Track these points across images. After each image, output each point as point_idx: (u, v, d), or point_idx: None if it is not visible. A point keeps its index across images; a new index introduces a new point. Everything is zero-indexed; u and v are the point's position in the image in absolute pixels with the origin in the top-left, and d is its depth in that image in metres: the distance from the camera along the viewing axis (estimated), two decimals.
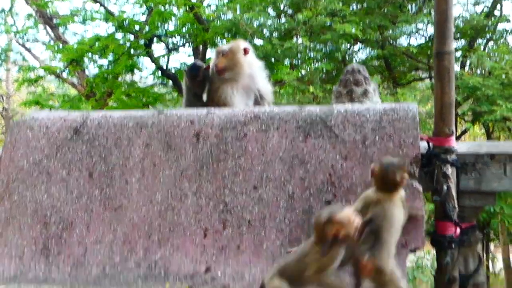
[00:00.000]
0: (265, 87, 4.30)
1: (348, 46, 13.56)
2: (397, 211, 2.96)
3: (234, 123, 3.58)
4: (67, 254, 3.58)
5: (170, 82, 15.67)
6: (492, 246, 22.63)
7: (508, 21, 13.59)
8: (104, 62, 15.23)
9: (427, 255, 13.50)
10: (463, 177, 3.75)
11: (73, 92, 17.28)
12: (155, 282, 3.37)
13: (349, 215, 2.74)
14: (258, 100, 4.23)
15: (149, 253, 3.50)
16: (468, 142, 5.42)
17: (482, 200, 3.85)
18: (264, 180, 3.46)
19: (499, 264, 21.42)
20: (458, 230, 3.66)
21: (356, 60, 14.00)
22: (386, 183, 2.96)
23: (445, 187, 3.61)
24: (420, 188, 3.31)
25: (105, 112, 3.91)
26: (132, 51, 14.67)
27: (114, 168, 3.67)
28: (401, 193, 3.04)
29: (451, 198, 3.62)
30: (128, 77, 16.44)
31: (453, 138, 3.68)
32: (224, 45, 4.41)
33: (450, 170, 3.62)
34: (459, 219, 3.68)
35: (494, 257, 22.44)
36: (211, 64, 4.22)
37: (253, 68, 4.26)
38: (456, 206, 3.64)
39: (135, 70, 15.42)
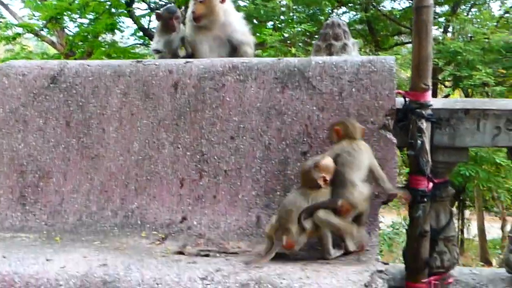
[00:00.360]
0: (243, 37, 4.26)
1: (332, 9, 13.50)
2: (360, 153, 3.06)
3: (212, 73, 3.57)
4: (44, 203, 3.59)
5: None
6: (467, 213, 23.11)
7: None
8: (84, 21, 14.99)
9: (403, 221, 13.76)
10: (437, 132, 3.79)
11: (52, 51, 17.03)
12: (131, 231, 3.40)
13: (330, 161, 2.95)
14: (236, 50, 4.20)
15: (126, 202, 3.52)
16: (444, 99, 5.48)
17: (455, 156, 3.91)
18: (241, 130, 3.48)
19: (474, 230, 21.92)
20: (431, 184, 3.73)
21: None
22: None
23: (419, 142, 3.65)
24: (394, 140, 3.36)
25: (82, 61, 3.87)
26: (113, 10, 14.42)
27: (92, 117, 3.66)
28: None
29: (425, 153, 3.67)
30: (108, 37, 16.23)
31: (429, 93, 3.71)
32: None
33: (425, 125, 3.65)
34: (432, 174, 3.75)
35: (469, 224, 22.93)
36: (188, 11, 4.17)
37: (231, 17, 4.22)
38: (430, 160, 3.70)
39: (116, 30, 15.20)
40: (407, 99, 3.71)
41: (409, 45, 15.09)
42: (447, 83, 15.15)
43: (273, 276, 2.54)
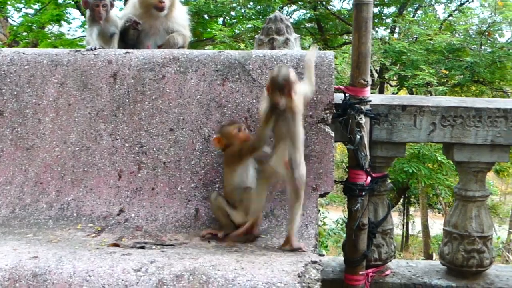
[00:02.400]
0: (185, 31, 4.26)
1: (282, 6, 13.58)
2: None
3: (152, 64, 3.53)
4: None
5: None
6: (412, 210, 23.71)
7: None
8: (29, 11, 14.61)
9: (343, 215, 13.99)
10: (376, 128, 3.87)
11: None
12: (66, 223, 3.32)
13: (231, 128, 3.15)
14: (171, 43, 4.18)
15: (62, 194, 3.44)
16: (382, 95, 5.59)
17: (393, 151, 4.01)
18: (180, 122, 3.46)
19: (418, 226, 22.50)
20: (369, 178, 3.81)
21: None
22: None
23: (358, 136, 3.72)
24: (332, 134, 3.40)
25: (18, 48, 3.76)
26: (59, 0, 14.11)
27: (27, 106, 3.56)
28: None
29: (364, 147, 3.74)
30: (55, 29, 15.86)
31: (368, 88, 3.79)
32: None
33: (363, 120, 3.72)
34: (371, 169, 3.83)
35: (413, 220, 23.54)
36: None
37: (177, 10, 4.24)
38: (368, 155, 3.77)
39: (63, 22, 14.87)
40: (346, 94, 3.77)
41: None
42: (393, 82, 15.48)
43: (207, 267, 2.53)
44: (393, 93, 15.30)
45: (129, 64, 3.55)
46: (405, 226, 22.85)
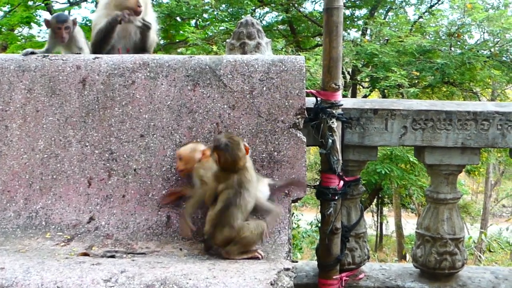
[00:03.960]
0: (154, 35, 4.24)
1: (254, 8, 13.58)
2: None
3: (122, 70, 3.48)
4: None
5: None
6: (385, 210, 23.93)
7: None
8: None
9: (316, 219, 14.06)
10: (347, 132, 3.89)
11: None
12: (35, 232, 3.25)
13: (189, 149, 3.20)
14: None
15: (30, 202, 3.36)
16: (354, 99, 5.61)
17: (365, 154, 4.03)
18: (151, 128, 3.41)
19: (392, 227, 22.72)
20: (342, 182, 3.82)
21: (261, 22, 14.06)
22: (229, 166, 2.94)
23: (330, 141, 3.73)
24: (304, 139, 3.39)
25: None
26: (30, 2, 13.90)
27: None
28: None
29: (336, 152, 3.76)
30: (25, 31, 15.63)
31: (340, 93, 3.80)
32: None
33: (335, 124, 3.74)
34: (344, 173, 3.84)
35: (387, 220, 23.77)
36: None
37: (149, 14, 4.21)
38: (341, 159, 3.78)
39: (34, 24, 14.66)
40: (318, 98, 3.77)
41: None
42: (365, 84, 15.60)
43: (179, 276, 2.50)
44: (365, 95, 15.45)
45: (98, 70, 3.50)
46: (378, 227, 23.06)
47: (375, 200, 18.95)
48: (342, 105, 3.80)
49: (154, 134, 3.41)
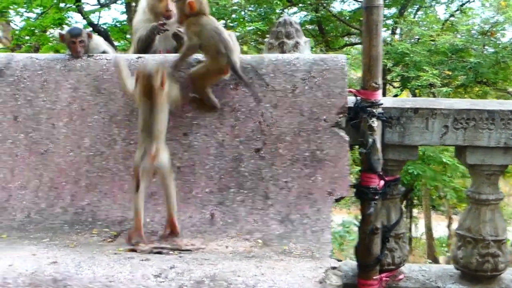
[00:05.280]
0: None
1: (283, 8, 13.58)
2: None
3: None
4: None
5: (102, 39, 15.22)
6: (415, 211, 23.68)
7: None
8: (31, 15, 14.60)
9: (355, 219, 13.98)
10: (387, 131, 3.87)
11: None
12: (82, 228, 3.31)
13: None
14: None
15: (76, 199, 3.43)
16: (394, 98, 5.60)
17: (405, 154, 4.00)
18: (194, 127, 3.46)
19: (422, 229, 22.47)
20: (382, 182, 3.80)
21: None
22: None
23: (370, 140, 3.71)
24: (346, 138, 3.40)
25: (31, 54, 3.76)
26: (61, 4, 14.09)
27: (41, 111, 3.56)
28: None
29: (376, 151, 3.74)
30: (56, 32, 15.83)
31: (380, 92, 3.78)
32: None
33: (376, 123, 3.72)
34: (383, 172, 3.82)
35: (416, 222, 23.51)
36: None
37: None
38: (381, 158, 3.77)
39: (64, 25, 14.85)
40: (358, 97, 3.77)
41: (359, 46, 15.35)
42: (395, 84, 15.48)
43: (227, 273, 2.53)
44: (395, 95, 15.30)
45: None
46: (408, 228, 22.83)
47: (404, 202, 18.78)
48: (382, 104, 3.77)
49: (197, 132, 3.45)
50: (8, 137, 3.54)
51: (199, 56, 3.49)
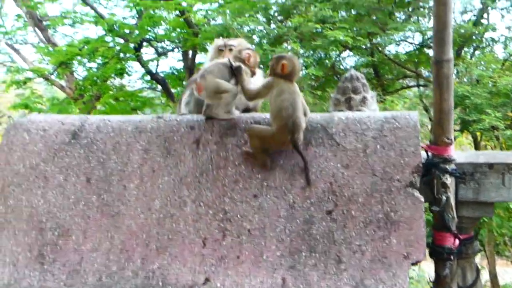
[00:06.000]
0: None
1: (338, 53, 13.58)
2: None
3: (234, 130, 3.54)
4: (63, 262, 3.50)
5: (159, 86, 15.64)
6: (478, 257, 22.78)
7: (494, 30, 13.76)
8: (93, 65, 15.16)
9: (428, 277, 13.52)
10: (461, 187, 3.75)
11: (61, 94, 17.17)
12: None
13: None
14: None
15: (147, 262, 3.43)
16: (465, 152, 5.44)
17: (480, 211, 3.85)
18: (264, 188, 3.42)
19: (485, 275, 21.57)
20: (457, 241, 3.66)
21: (344, 67, 14.02)
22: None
23: (444, 198, 3.61)
24: (422, 199, 3.28)
25: (103, 116, 3.85)
26: (121, 54, 14.59)
27: (112, 173, 3.61)
28: None
29: (450, 209, 3.63)
30: (116, 81, 16.38)
31: (452, 147, 3.68)
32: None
33: (449, 180, 3.61)
34: (457, 230, 3.68)
35: (481, 268, 22.54)
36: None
37: None
38: (455, 216, 3.64)
39: (124, 74, 15.35)
40: (429, 153, 3.67)
41: (415, 88, 15.16)
42: (455, 127, 15.13)
43: None
44: (454, 137, 14.91)
45: (212, 130, 3.57)
46: None
47: None
48: (455, 160, 3.67)
49: (268, 194, 3.41)
50: (81, 199, 3.59)
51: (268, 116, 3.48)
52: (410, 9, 13.23)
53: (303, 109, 3.37)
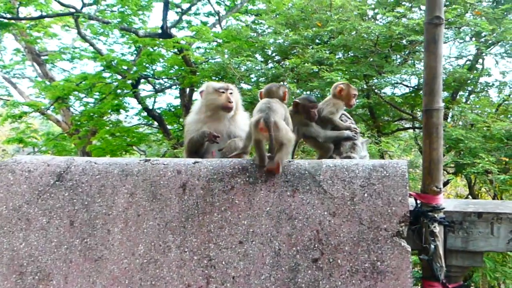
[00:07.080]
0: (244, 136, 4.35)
1: None
2: None
3: (221, 175, 3.51)
4: None
5: (156, 123, 15.68)
6: None
7: (489, 74, 13.93)
8: (90, 100, 15.23)
9: None
10: (450, 236, 3.71)
11: (56, 129, 17.21)
12: None
13: None
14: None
15: None
16: (455, 200, 5.39)
17: (469, 260, 3.80)
18: (250, 234, 3.37)
19: None
20: None
21: None
22: None
23: (432, 246, 3.57)
24: (409, 248, 3.24)
25: (90, 158, 3.82)
26: (118, 90, 14.68)
27: (97, 217, 3.56)
28: None
29: (439, 258, 3.58)
30: (113, 116, 16.44)
31: (441, 195, 3.66)
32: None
33: (437, 229, 3.58)
34: (446, 279, 3.62)
35: None
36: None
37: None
38: (444, 265, 3.59)
39: (121, 110, 15.41)
40: (418, 201, 3.65)
41: (410, 130, 15.22)
42: (448, 169, 15.11)
43: None
44: (447, 180, 14.90)
45: (198, 175, 3.54)
46: None
47: None
48: (444, 208, 3.65)
49: (253, 240, 3.36)
50: (64, 243, 3.53)
51: None
52: (406, 52, 13.39)
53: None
